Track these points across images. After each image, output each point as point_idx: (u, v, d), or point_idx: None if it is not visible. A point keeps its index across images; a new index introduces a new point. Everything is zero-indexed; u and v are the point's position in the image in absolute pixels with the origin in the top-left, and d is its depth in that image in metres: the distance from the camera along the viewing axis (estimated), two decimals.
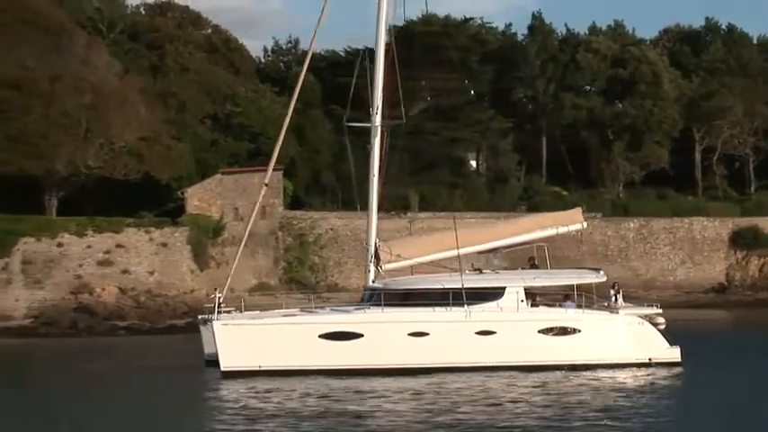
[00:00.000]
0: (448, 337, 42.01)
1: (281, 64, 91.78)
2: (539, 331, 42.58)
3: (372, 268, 44.61)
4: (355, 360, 41.43)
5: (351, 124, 46.98)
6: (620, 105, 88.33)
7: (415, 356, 41.72)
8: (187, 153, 71.07)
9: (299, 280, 70.03)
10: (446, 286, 42.45)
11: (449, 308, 42.08)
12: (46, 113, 64.55)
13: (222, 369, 41.42)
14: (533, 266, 46.59)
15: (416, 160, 77.95)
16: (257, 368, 41.32)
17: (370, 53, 45.50)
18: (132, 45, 78.05)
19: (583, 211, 48.94)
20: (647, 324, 43.49)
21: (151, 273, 64.63)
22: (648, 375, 41.59)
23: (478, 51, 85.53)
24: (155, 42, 78.14)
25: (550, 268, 45.81)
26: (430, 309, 42.26)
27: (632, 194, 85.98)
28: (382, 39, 45.26)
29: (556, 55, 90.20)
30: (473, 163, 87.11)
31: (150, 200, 69.26)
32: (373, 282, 44.51)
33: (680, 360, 43.06)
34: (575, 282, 44.23)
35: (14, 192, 67.02)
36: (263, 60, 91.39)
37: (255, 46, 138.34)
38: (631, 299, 72.70)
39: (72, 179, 67.28)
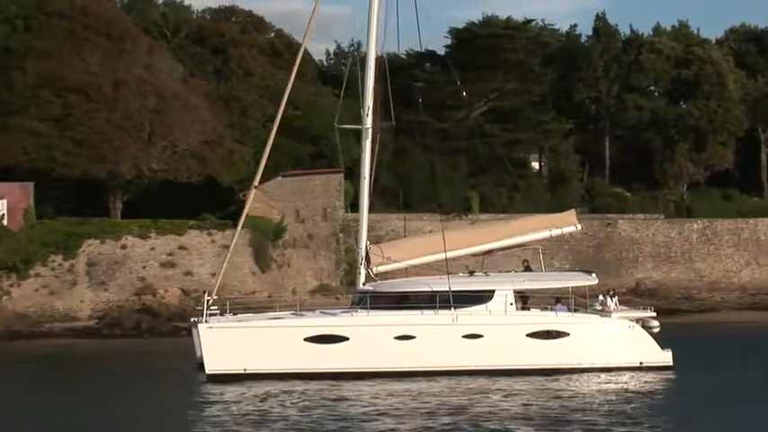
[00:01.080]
0: (434, 341, 41.65)
1: (343, 67, 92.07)
2: (527, 335, 42.12)
3: (363, 271, 44.46)
4: (341, 364, 41.24)
5: (341, 126, 47.51)
6: (683, 106, 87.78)
7: (402, 360, 41.43)
8: (249, 156, 71.58)
9: None
10: (434, 289, 42.08)
11: (436, 311, 41.73)
12: (110, 117, 65.41)
13: (207, 372, 41.22)
14: (527, 269, 46.29)
15: (477, 162, 78.01)
16: (242, 371, 41.12)
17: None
18: (197, 49, 78.81)
19: (577, 213, 48.50)
20: (638, 327, 42.96)
21: (213, 274, 64.98)
22: (638, 379, 41.15)
23: (539, 53, 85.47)
24: (219, 47, 78.85)
25: (545, 271, 45.71)
26: (416, 312, 41.95)
27: (696, 195, 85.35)
28: (373, 41, 45.77)
29: (619, 56, 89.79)
30: (535, 165, 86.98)
31: (213, 202, 69.84)
32: (364, 284, 44.29)
33: (671, 364, 42.52)
34: (566, 285, 43.61)
35: (80, 195, 68.15)
36: (325, 63, 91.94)
37: (320, 49, 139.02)
38: (694, 300, 72.90)
39: (136, 182, 68.11)
